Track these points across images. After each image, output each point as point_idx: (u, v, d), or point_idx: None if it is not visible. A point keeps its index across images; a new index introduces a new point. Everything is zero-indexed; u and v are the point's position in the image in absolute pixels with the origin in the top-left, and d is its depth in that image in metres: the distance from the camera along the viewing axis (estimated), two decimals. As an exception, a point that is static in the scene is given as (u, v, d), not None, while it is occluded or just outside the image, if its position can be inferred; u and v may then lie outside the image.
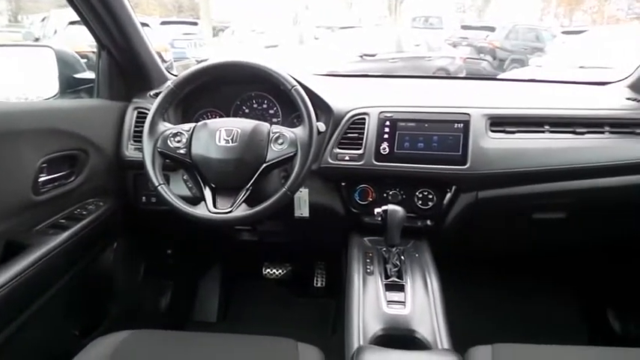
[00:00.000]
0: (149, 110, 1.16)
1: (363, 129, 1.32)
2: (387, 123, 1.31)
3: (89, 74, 1.77)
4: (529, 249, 1.73)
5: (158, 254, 1.80)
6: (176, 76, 1.20)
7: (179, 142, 1.12)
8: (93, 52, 1.51)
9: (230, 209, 1.07)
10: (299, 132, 1.12)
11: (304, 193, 1.38)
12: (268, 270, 2.03)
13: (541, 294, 1.87)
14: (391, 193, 1.35)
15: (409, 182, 1.34)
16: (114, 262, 1.45)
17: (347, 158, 1.31)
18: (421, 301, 1.10)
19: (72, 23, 5.66)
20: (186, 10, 20.87)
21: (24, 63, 1.61)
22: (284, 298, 2.03)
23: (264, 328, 1.11)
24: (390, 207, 1.18)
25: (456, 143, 1.28)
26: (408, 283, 1.16)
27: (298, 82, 1.14)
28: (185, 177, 1.38)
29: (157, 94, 1.20)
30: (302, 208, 1.40)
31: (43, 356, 1.21)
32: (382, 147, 1.30)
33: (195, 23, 12.05)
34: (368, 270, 1.21)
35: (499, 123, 1.32)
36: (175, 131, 1.13)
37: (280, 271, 2.03)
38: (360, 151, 1.31)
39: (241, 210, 1.08)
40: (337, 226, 1.44)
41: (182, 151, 1.12)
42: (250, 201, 1.09)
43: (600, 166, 1.29)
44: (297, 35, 9.99)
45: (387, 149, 1.30)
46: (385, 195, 1.36)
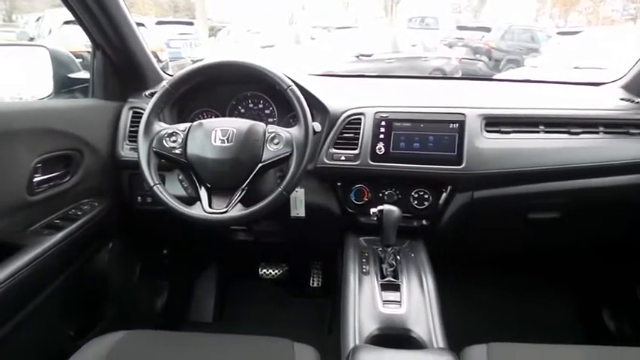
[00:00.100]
0: (144, 110, 1.16)
1: (359, 129, 1.32)
2: (383, 123, 1.31)
3: (84, 74, 1.76)
4: (524, 249, 1.74)
5: (154, 254, 1.79)
6: (171, 76, 1.19)
7: (174, 142, 1.12)
8: (88, 52, 1.50)
9: (226, 209, 1.07)
10: (295, 132, 1.12)
11: (300, 193, 1.38)
12: (264, 270, 2.03)
13: (536, 293, 1.88)
14: (387, 193, 1.35)
15: (405, 182, 1.35)
16: (109, 263, 1.44)
17: (343, 158, 1.31)
18: (417, 301, 1.10)
19: (67, 23, 5.63)
20: (182, 10, 20.79)
21: (18, 63, 1.60)
22: (280, 298, 2.02)
23: (260, 328, 1.11)
24: (386, 207, 1.18)
25: (452, 143, 1.28)
26: (404, 283, 1.16)
27: (294, 82, 1.14)
28: (181, 177, 1.37)
29: (153, 94, 1.20)
30: (298, 208, 1.40)
31: (39, 357, 1.20)
32: (378, 147, 1.30)
33: (191, 23, 12.04)
34: (364, 270, 1.21)
35: (494, 123, 1.32)
36: (171, 131, 1.13)
37: (276, 271, 2.03)
38: (356, 151, 1.31)
39: (237, 210, 1.08)
40: (333, 226, 1.45)
41: (177, 151, 1.11)
42: (246, 201, 1.09)
43: (595, 166, 1.30)
44: (293, 35, 9.95)
45: (383, 149, 1.30)
46: (381, 195, 1.36)
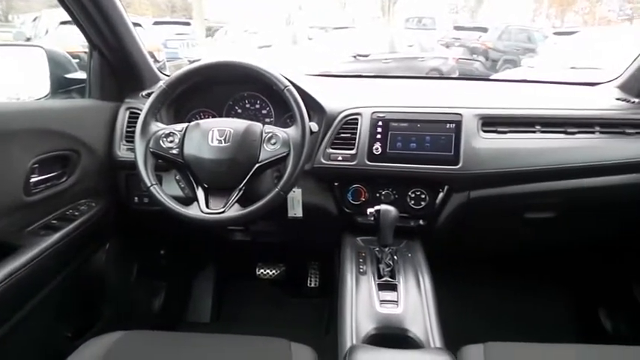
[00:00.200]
0: (141, 110, 1.16)
1: (356, 129, 1.32)
2: (380, 123, 1.31)
3: (81, 74, 1.76)
4: (521, 248, 1.74)
5: (151, 255, 1.79)
6: (168, 76, 1.19)
7: (171, 143, 1.12)
8: (85, 52, 1.50)
9: (223, 209, 1.07)
10: (292, 132, 1.12)
11: (297, 194, 1.38)
12: (262, 270, 2.03)
13: (533, 293, 1.88)
14: (384, 193, 1.36)
15: (402, 182, 1.35)
16: (106, 263, 1.44)
17: (340, 158, 1.32)
18: (414, 301, 1.11)
19: (63, 23, 5.62)
20: (179, 10, 20.80)
21: (15, 63, 1.60)
22: (277, 299, 2.03)
23: (257, 329, 1.11)
24: (383, 207, 1.18)
25: (448, 143, 1.29)
26: (401, 283, 1.16)
27: (291, 82, 1.14)
28: (178, 177, 1.37)
29: (149, 95, 1.20)
30: (295, 208, 1.40)
31: (36, 358, 1.20)
32: (375, 147, 1.30)
33: (187, 23, 11.99)
34: (361, 270, 1.22)
35: (491, 123, 1.32)
36: (168, 131, 1.13)
37: (274, 272, 2.03)
38: (353, 151, 1.31)
39: (234, 210, 1.08)
40: (330, 226, 1.45)
41: (174, 152, 1.11)
42: (243, 201, 1.09)
43: (591, 166, 1.30)
44: (290, 35, 9.94)
45: (380, 149, 1.30)
46: (378, 195, 1.36)
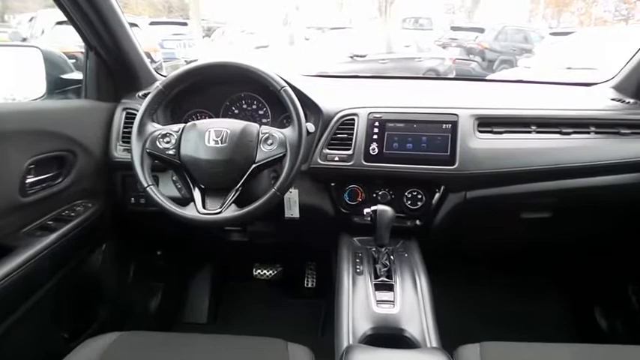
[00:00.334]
0: (138, 111, 1.16)
1: (353, 130, 1.32)
2: (376, 124, 1.31)
3: (77, 75, 1.75)
4: (518, 248, 1.75)
5: (148, 255, 1.79)
6: (165, 77, 1.19)
7: (168, 143, 1.12)
8: (81, 53, 1.50)
9: (220, 210, 1.07)
10: (288, 133, 1.12)
11: (294, 194, 1.38)
12: (259, 271, 2.03)
13: (529, 292, 1.89)
14: (380, 194, 1.36)
15: (398, 182, 1.35)
16: (103, 264, 1.44)
17: (336, 159, 1.32)
18: (410, 301, 1.11)
19: (60, 23, 5.60)
20: (175, 11, 20.72)
21: (11, 63, 1.59)
22: (274, 299, 2.02)
23: (254, 329, 1.12)
24: (380, 207, 1.19)
25: (445, 144, 1.29)
26: (397, 283, 1.16)
27: (287, 83, 1.14)
28: (174, 178, 1.37)
29: (146, 95, 1.20)
30: (292, 209, 1.40)
31: (32, 359, 1.20)
32: (371, 147, 1.31)
33: (184, 24, 11.99)
34: (357, 270, 1.22)
35: (487, 123, 1.33)
36: (164, 132, 1.13)
37: (271, 272, 2.03)
38: (350, 152, 1.31)
39: (231, 211, 1.08)
40: (327, 227, 1.45)
41: (171, 152, 1.11)
42: (240, 202, 1.09)
43: (586, 166, 1.31)
44: (287, 36, 9.93)
45: (376, 150, 1.30)
46: (374, 195, 1.36)
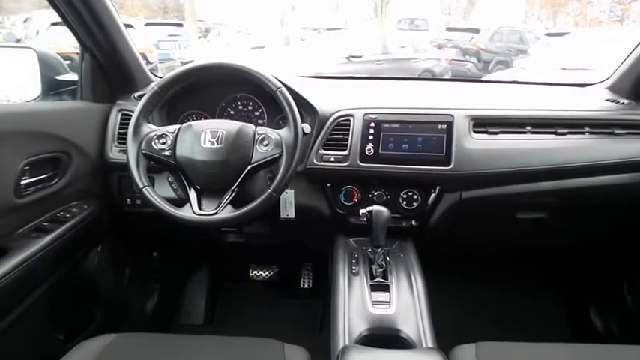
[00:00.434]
0: (133, 112, 1.16)
1: (348, 130, 1.32)
2: (372, 124, 1.32)
3: (72, 76, 1.75)
4: (513, 248, 1.75)
5: (144, 257, 1.78)
6: (160, 78, 1.19)
7: (164, 144, 1.12)
8: (76, 54, 1.49)
9: (215, 211, 1.07)
10: (284, 133, 1.12)
11: (290, 195, 1.39)
12: (255, 272, 2.03)
13: (525, 292, 1.90)
14: (376, 194, 1.36)
15: (394, 183, 1.35)
16: (98, 265, 1.43)
17: (332, 159, 1.32)
18: (406, 301, 1.11)
19: (54, 24, 5.58)
20: (171, 12, 20.69)
21: (5, 65, 1.58)
22: (271, 300, 2.02)
23: (251, 330, 1.12)
24: (375, 208, 1.19)
25: (440, 144, 1.29)
26: (393, 283, 1.17)
27: (283, 84, 1.14)
28: (170, 179, 1.37)
29: (141, 96, 1.20)
30: (288, 210, 1.40)
31: None
32: (367, 148, 1.31)
33: (180, 25, 11.96)
34: (353, 270, 1.22)
35: (482, 124, 1.33)
36: (160, 133, 1.13)
37: (267, 273, 2.03)
38: (345, 153, 1.32)
39: (227, 212, 1.08)
40: (323, 228, 1.45)
41: (167, 153, 1.11)
42: (236, 203, 1.09)
43: (581, 167, 1.31)
44: (283, 37, 9.93)
45: (372, 150, 1.31)
46: (370, 196, 1.37)
